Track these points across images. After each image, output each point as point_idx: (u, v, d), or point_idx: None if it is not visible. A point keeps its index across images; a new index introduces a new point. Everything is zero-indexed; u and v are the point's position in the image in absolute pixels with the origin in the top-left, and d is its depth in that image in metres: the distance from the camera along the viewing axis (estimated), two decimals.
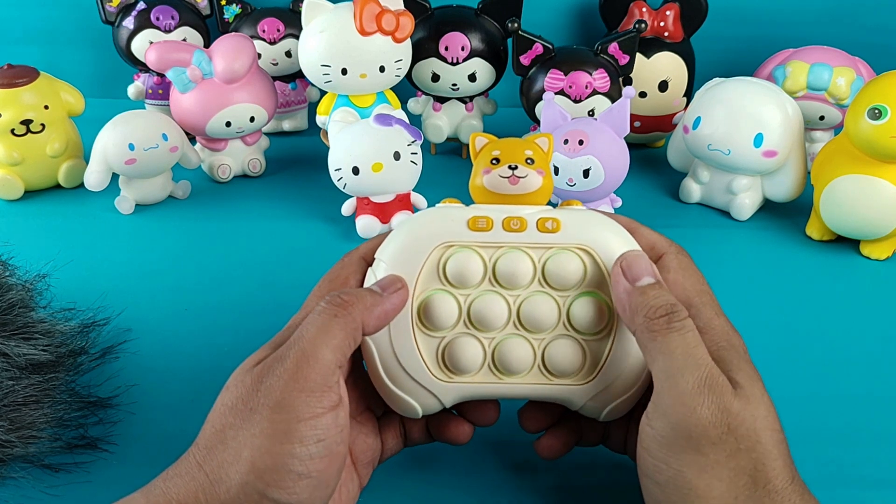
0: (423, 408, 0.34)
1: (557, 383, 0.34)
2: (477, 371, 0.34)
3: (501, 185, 0.35)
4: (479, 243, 0.34)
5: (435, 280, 0.34)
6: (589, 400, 0.34)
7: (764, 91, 0.57)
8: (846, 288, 0.53)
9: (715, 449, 0.29)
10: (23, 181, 0.62)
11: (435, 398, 0.34)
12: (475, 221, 0.34)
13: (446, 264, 0.34)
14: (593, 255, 0.34)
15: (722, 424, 0.29)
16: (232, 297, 0.51)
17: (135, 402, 0.42)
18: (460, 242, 0.34)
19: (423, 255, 0.34)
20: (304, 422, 0.29)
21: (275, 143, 0.69)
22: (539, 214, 0.34)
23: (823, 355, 0.46)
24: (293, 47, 0.70)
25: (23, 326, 0.41)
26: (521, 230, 0.34)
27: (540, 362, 0.34)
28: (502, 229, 0.34)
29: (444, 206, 0.36)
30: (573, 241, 0.34)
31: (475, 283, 0.34)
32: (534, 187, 0.35)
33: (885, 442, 0.40)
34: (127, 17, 0.69)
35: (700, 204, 0.63)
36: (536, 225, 0.34)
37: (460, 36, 0.63)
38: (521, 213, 0.34)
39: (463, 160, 0.70)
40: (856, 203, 0.53)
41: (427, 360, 0.34)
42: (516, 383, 0.34)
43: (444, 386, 0.34)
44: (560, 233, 0.34)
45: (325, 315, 0.31)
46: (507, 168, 0.35)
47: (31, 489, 0.37)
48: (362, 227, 0.56)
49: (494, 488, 0.37)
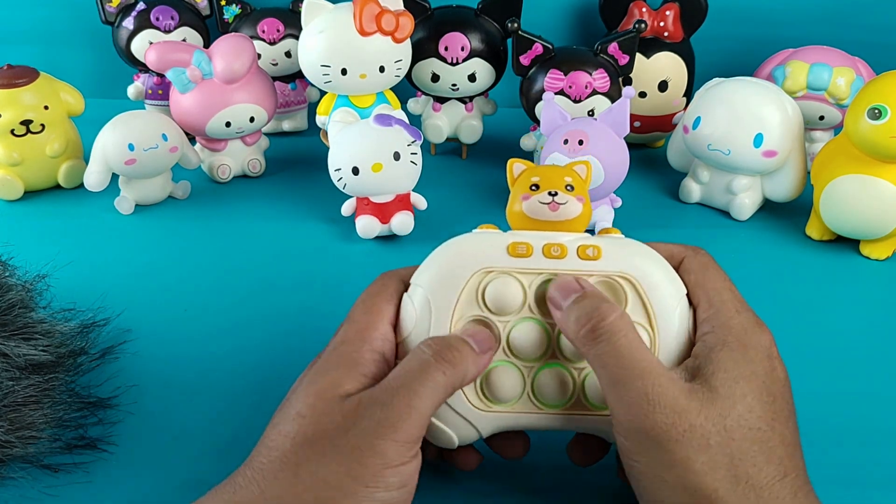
0: (460, 438, 0.34)
1: (595, 414, 0.33)
2: (516, 401, 0.33)
3: (541, 211, 0.34)
4: (518, 270, 0.33)
5: (473, 306, 0.33)
6: None
7: (764, 91, 0.57)
8: (846, 288, 0.53)
9: (679, 446, 0.29)
10: (23, 181, 0.61)
11: (473, 428, 0.33)
12: (515, 247, 0.33)
13: (485, 290, 0.33)
14: (634, 284, 0.33)
15: (682, 423, 0.29)
16: (232, 297, 0.51)
17: (135, 402, 0.42)
18: (500, 268, 0.33)
19: (461, 280, 0.33)
20: (393, 468, 0.29)
21: (275, 144, 0.69)
22: (579, 241, 0.34)
23: (823, 355, 0.46)
24: (293, 47, 0.70)
25: (23, 327, 0.41)
26: (562, 257, 0.33)
27: (580, 392, 0.33)
28: (542, 256, 0.33)
29: (482, 231, 0.35)
30: (614, 269, 0.33)
31: (514, 310, 0.33)
32: (574, 214, 0.34)
33: (885, 442, 0.40)
34: (127, 18, 0.69)
35: (700, 204, 0.63)
36: (577, 252, 0.33)
37: (460, 36, 0.63)
38: (561, 239, 0.34)
39: (462, 160, 0.70)
40: (856, 203, 0.53)
41: (466, 390, 0.33)
42: (555, 413, 0.33)
43: (482, 415, 0.33)
44: (601, 260, 0.33)
45: (434, 370, 0.30)
46: (548, 194, 0.34)
47: (31, 489, 0.37)
48: (362, 228, 0.56)
49: (494, 488, 0.37)
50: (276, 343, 0.46)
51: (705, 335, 0.33)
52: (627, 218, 0.58)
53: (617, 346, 0.30)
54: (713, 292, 0.34)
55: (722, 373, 0.31)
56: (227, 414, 0.41)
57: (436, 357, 0.31)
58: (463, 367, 0.31)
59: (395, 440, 0.29)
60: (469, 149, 0.70)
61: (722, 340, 0.32)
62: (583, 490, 0.37)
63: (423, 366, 0.31)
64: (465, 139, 0.68)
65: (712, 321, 0.33)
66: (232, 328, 0.48)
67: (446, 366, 0.31)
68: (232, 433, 0.40)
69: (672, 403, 0.30)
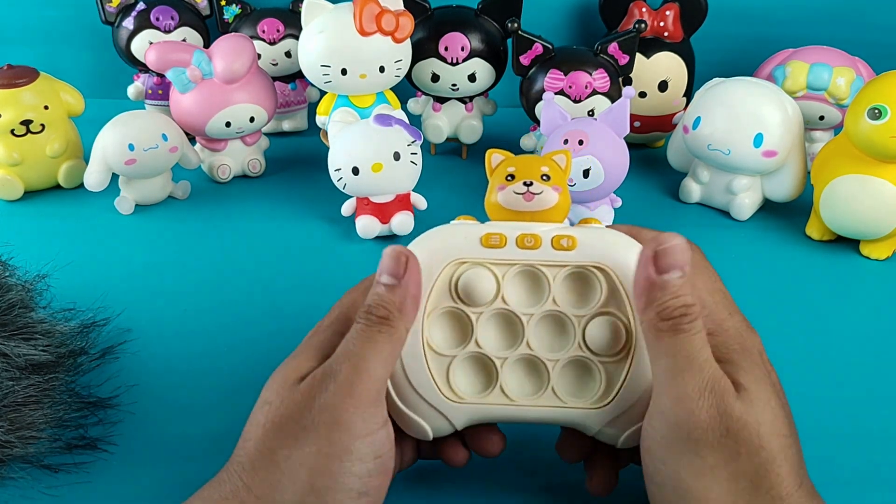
0: (433, 430, 0.33)
1: (572, 407, 0.33)
2: (488, 392, 0.33)
3: (516, 201, 0.34)
4: (491, 261, 0.33)
5: (447, 297, 0.33)
6: (605, 425, 0.33)
7: (764, 91, 0.57)
8: (846, 288, 0.53)
9: (713, 452, 0.29)
10: (23, 181, 0.61)
11: (446, 420, 0.33)
12: (488, 238, 0.33)
13: (458, 281, 0.33)
14: (610, 274, 0.33)
15: (720, 427, 0.29)
16: (232, 296, 0.51)
17: (135, 402, 0.42)
18: (473, 259, 0.33)
19: (434, 271, 0.33)
20: (361, 439, 0.29)
21: (275, 144, 0.69)
22: (554, 232, 0.33)
23: (823, 355, 0.46)
24: (293, 47, 0.70)
25: (23, 327, 0.41)
26: (536, 247, 0.33)
27: (554, 385, 0.33)
28: (516, 246, 0.33)
29: (458, 222, 0.35)
30: (589, 260, 0.33)
31: (487, 302, 0.33)
32: (549, 204, 0.34)
33: (885, 442, 0.40)
34: (127, 18, 0.69)
35: (700, 204, 0.63)
36: (551, 242, 0.33)
37: (460, 36, 0.63)
38: (535, 230, 0.34)
39: (462, 160, 0.70)
40: (856, 203, 0.53)
41: (437, 380, 0.33)
42: (529, 406, 0.33)
43: (455, 407, 0.33)
44: (575, 251, 0.33)
45: (370, 330, 0.30)
46: (522, 184, 0.34)
47: (31, 489, 0.37)
48: (362, 228, 0.56)
49: (494, 488, 0.37)
50: (276, 343, 0.46)
51: None
52: (627, 218, 0.58)
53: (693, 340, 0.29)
54: (704, 293, 0.33)
55: (744, 373, 0.30)
56: (227, 414, 0.41)
57: (365, 319, 0.31)
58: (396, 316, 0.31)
59: (355, 407, 0.29)
60: (469, 149, 0.70)
61: (725, 344, 0.31)
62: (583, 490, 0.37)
63: (359, 332, 0.31)
64: (465, 139, 0.68)
65: (706, 323, 0.32)
66: (232, 328, 0.48)
67: (379, 324, 0.31)
68: (232, 433, 0.40)
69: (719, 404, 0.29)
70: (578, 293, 0.33)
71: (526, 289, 0.33)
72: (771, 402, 0.30)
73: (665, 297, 0.30)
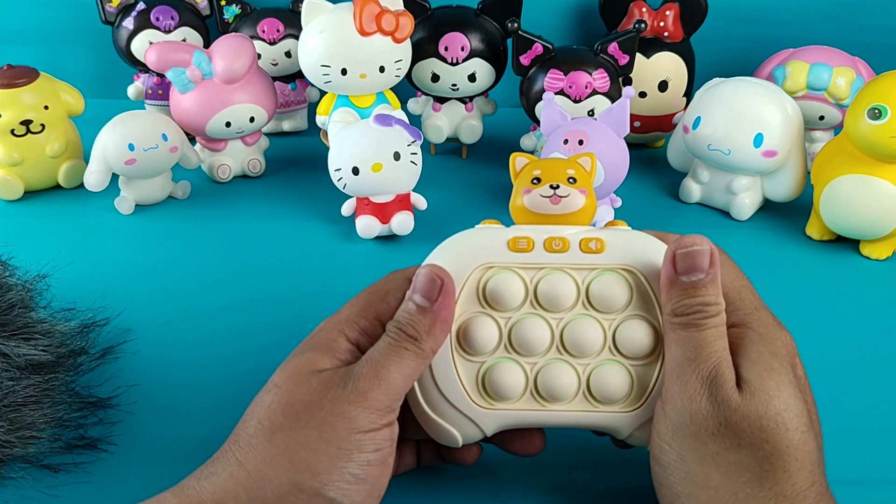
0: (463, 437, 0.33)
1: (603, 411, 0.33)
2: (519, 398, 0.33)
3: (543, 204, 0.34)
4: (519, 264, 0.33)
5: (475, 303, 0.33)
6: (636, 429, 0.33)
7: (764, 91, 0.57)
8: (846, 288, 0.53)
9: (714, 440, 0.29)
10: (23, 181, 0.61)
11: (476, 426, 0.33)
12: (515, 242, 0.33)
13: (486, 286, 0.33)
14: (639, 277, 0.33)
15: (719, 417, 0.29)
16: (232, 297, 0.51)
17: (135, 402, 0.42)
18: (500, 264, 0.33)
19: (462, 277, 0.33)
20: (363, 433, 0.30)
21: (275, 144, 0.69)
22: (582, 234, 0.33)
23: (823, 355, 0.46)
24: (293, 47, 0.70)
25: (23, 327, 0.41)
26: (564, 251, 0.33)
27: (585, 389, 0.33)
28: (544, 250, 0.33)
29: (484, 227, 0.35)
30: (618, 262, 0.33)
31: (516, 306, 0.33)
32: (576, 207, 0.34)
33: (885, 442, 0.40)
34: (127, 18, 0.69)
35: (700, 204, 0.63)
36: (579, 245, 0.33)
37: (460, 36, 0.63)
38: (563, 233, 0.33)
39: (463, 160, 0.70)
40: (856, 203, 0.53)
41: (467, 387, 0.33)
42: (560, 411, 0.33)
43: (485, 413, 0.33)
44: (604, 253, 0.33)
45: (398, 345, 0.31)
46: (549, 188, 0.34)
47: (31, 489, 0.37)
48: (362, 228, 0.56)
49: (494, 488, 0.37)
50: (276, 342, 0.46)
51: None
52: (627, 218, 0.57)
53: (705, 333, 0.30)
54: (729, 289, 0.33)
55: (753, 365, 0.30)
56: (227, 414, 0.41)
57: (397, 335, 0.31)
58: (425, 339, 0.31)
59: (364, 407, 0.30)
60: (469, 149, 0.70)
61: (743, 335, 0.32)
62: (583, 490, 0.37)
63: (387, 345, 0.31)
64: (465, 139, 0.68)
65: (731, 317, 0.32)
66: (232, 328, 0.48)
67: (410, 341, 0.31)
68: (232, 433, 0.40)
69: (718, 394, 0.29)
70: (608, 296, 0.33)
71: (555, 292, 0.33)
72: (782, 394, 0.30)
73: (684, 296, 0.31)
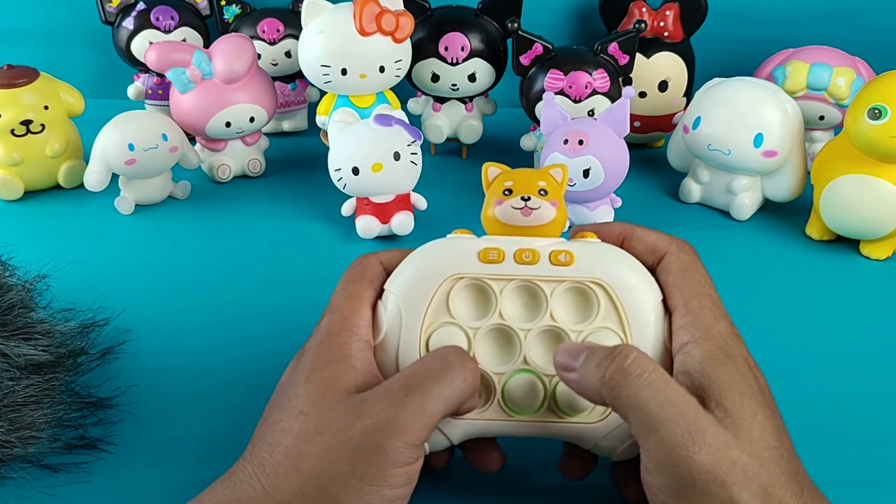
0: (430, 444, 0.33)
1: (569, 421, 0.33)
2: (486, 407, 0.33)
3: (514, 216, 0.34)
4: (489, 276, 0.33)
5: (444, 313, 0.33)
6: (601, 439, 0.33)
7: (764, 91, 0.57)
8: (846, 288, 0.53)
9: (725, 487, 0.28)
10: (23, 181, 0.61)
11: (442, 434, 0.33)
12: (486, 253, 0.33)
13: (455, 297, 0.33)
14: (607, 290, 0.33)
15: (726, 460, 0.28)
16: (232, 297, 0.51)
17: (135, 402, 0.42)
18: (470, 275, 0.33)
19: (432, 287, 0.33)
20: (399, 468, 0.29)
21: (275, 144, 0.69)
22: (552, 247, 0.33)
23: (823, 355, 0.46)
24: (293, 47, 0.70)
25: (23, 327, 0.41)
26: (533, 262, 0.33)
27: (551, 399, 0.33)
28: (514, 262, 0.33)
29: (455, 236, 0.35)
30: (587, 275, 0.33)
31: (484, 317, 0.33)
32: (547, 219, 0.34)
33: (885, 442, 0.40)
34: (127, 18, 0.69)
35: (700, 204, 0.63)
36: (549, 258, 0.33)
37: (460, 36, 0.63)
38: (533, 245, 0.34)
39: (462, 160, 0.70)
40: (856, 203, 0.53)
41: None
42: (526, 421, 0.33)
43: (452, 422, 0.33)
44: (573, 266, 0.33)
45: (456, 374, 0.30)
46: (520, 199, 0.34)
47: (31, 489, 0.37)
48: (362, 228, 0.56)
49: (494, 488, 0.37)
50: (276, 343, 0.46)
51: (686, 345, 0.32)
52: (627, 218, 0.58)
53: (652, 384, 0.28)
54: (691, 297, 0.33)
55: (727, 391, 0.30)
56: (228, 414, 0.41)
57: (460, 362, 0.30)
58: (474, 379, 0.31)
59: (403, 441, 0.29)
60: (469, 149, 0.70)
61: (709, 353, 0.31)
62: (583, 490, 0.37)
63: (446, 367, 0.30)
64: (465, 139, 0.68)
65: (691, 329, 0.32)
66: (232, 328, 0.48)
67: (467, 373, 0.30)
68: (232, 433, 0.40)
69: (713, 439, 0.28)
70: (576, 308, 0.33)
71: (523, 304, 0.33)
72: (757, 415, 0.29)
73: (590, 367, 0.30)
